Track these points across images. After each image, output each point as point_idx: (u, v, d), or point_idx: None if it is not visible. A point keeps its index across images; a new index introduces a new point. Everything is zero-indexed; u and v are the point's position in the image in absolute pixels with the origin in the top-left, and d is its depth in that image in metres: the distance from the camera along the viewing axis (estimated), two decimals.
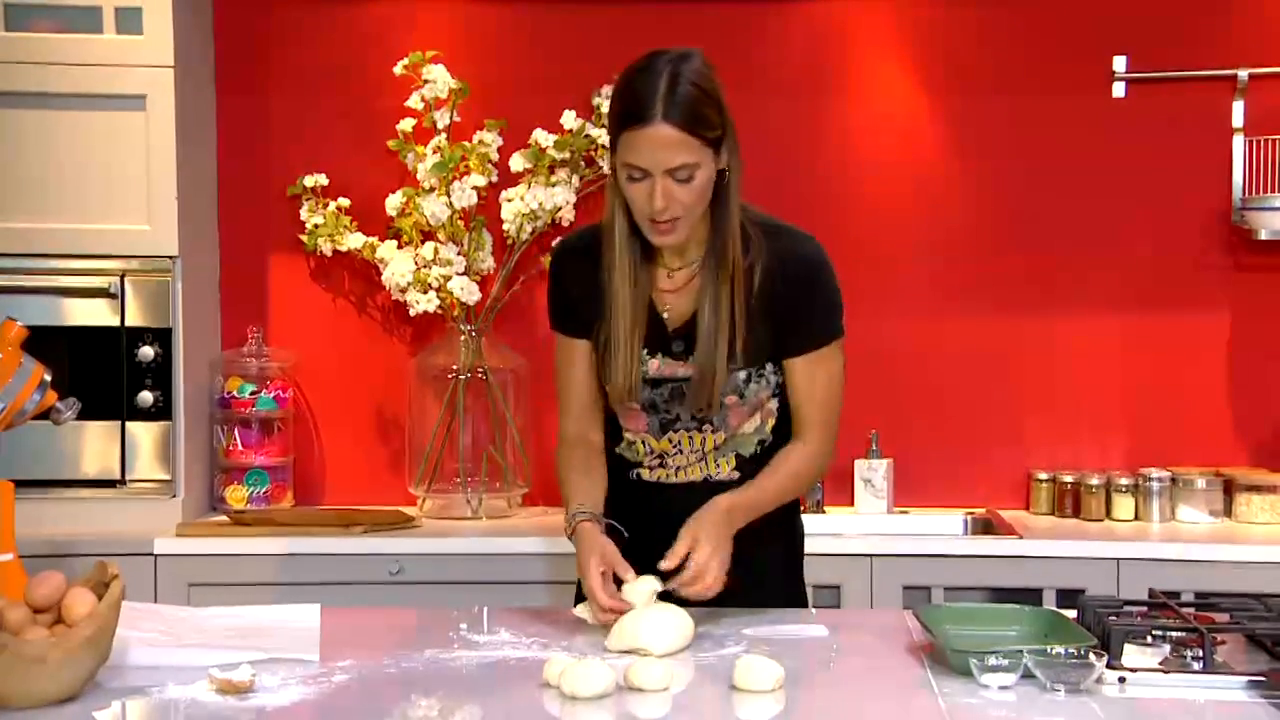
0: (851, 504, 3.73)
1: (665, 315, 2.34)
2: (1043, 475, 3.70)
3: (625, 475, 2.43)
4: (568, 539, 2.31)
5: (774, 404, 2.39)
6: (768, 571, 2.43)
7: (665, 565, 2.17)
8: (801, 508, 2.55)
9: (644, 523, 2.35)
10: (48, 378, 2.26)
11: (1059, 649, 1.90)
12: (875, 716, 1.87)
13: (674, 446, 2.39)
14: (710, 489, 2.34)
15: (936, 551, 3.34)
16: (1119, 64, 3.73)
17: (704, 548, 2.19)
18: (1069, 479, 3.65)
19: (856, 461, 3.72)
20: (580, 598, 2.29)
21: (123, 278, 3.43)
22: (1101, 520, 3.59)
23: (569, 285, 2.40)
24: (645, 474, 2.41)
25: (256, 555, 3.31)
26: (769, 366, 2.35)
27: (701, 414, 2.34)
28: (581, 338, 2.39)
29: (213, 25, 3.74)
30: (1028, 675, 1.88)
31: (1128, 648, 1.96)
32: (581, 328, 2.39)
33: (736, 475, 2.38)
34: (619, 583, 2.18)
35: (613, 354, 2.31)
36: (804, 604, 2.50)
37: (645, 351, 2.34)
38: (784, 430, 2.41)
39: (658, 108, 2.15)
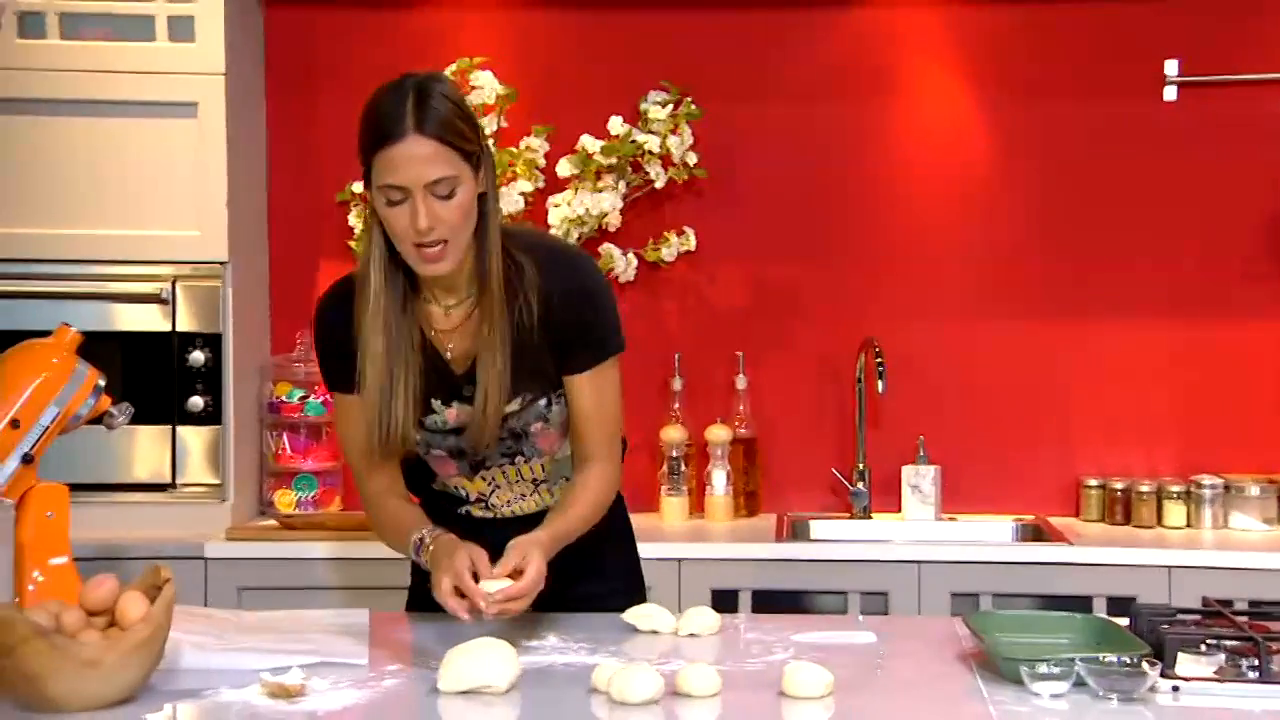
0: (899, 511, 3.72)
1: (449, 357, 2.25)
2: (1093, 482, 3.67)
3: (453, 512, 2.38)
4: (419, 561, 2.22)
5: None
6: (606, 561, 2.44)
7: (498, 572, 2.08)
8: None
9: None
10: (101, 383, 2.28)
11: (1112, 657, 1.89)
12: None
13: (489, 484, 2.36)
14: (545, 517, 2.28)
15: (985, 559, 3.32)
16: (1171, 68, 3.69)
17: (534, 564, 2.09)
18: (1120, 486, 3.62)
19: (904, 468, 3.70)
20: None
21: (174, 283, 3.46)
22: (1153, 528, 3.55)
23: (333, 336, 2.26)
24: (475, 511, 2.39)
25: (305, 559, 3.33)
26: (556, 392, 2.29)
27: (484, 452, 2.28)
28: (356, 392, 2.24)
29: (263, 32, 3.77)
30: (1079, 684, 1.86)
31: (1181, 656, 1.94)
32: (355, 380, 2.23)
33: None
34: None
35: (373, 398, 2.18)
36: (642, 590, 2.51)
37: (439, 401, 2.26)
38: None
39: (409, 121, 2.08)
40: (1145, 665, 1.86)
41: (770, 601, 3.27)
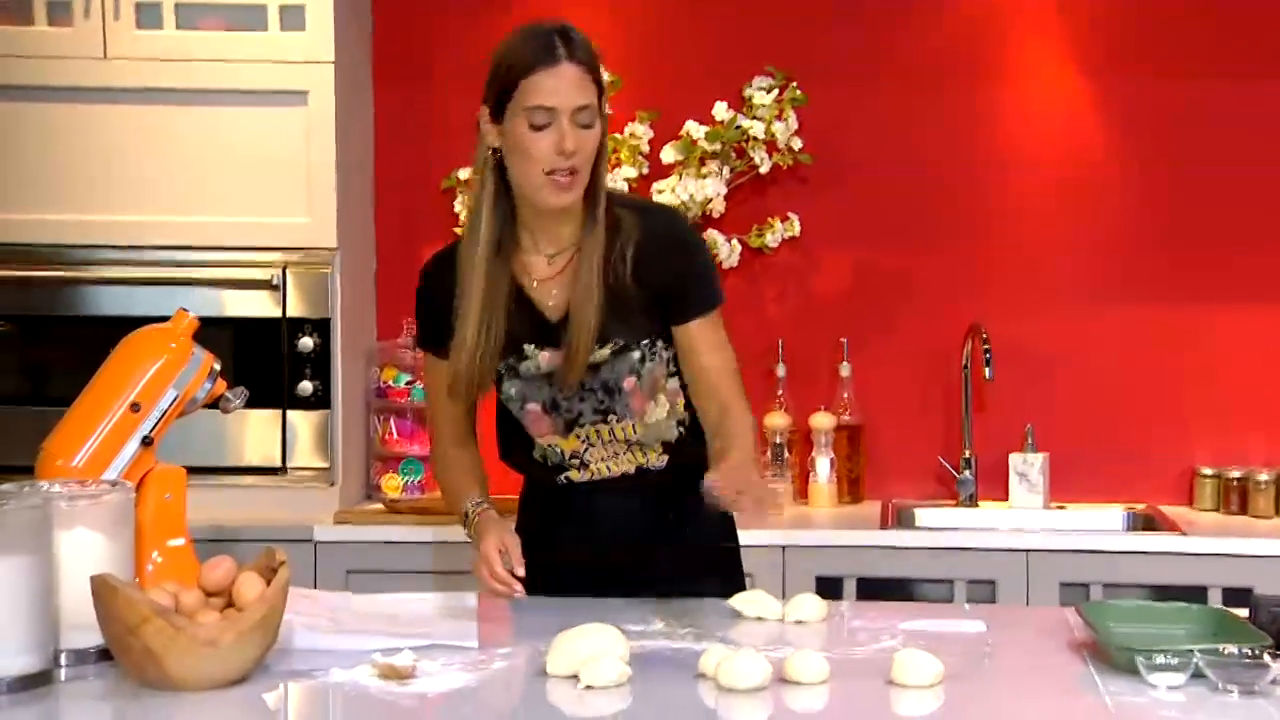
0: (1006, 498, 3.67)
1: (549, 305, 2.33)
2: (1207, 471, 3.60)
3: (553, 480, 2.43)
4: (465, 532, 2.40)
5: (674, 383, 2.38)
6: (702, 557, 2.44)
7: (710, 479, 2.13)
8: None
9: (577, 526, 2.41)
10: (217, 367, 2.31)
11: (1232, 648, 1.84)
12: (1040, 713, 1.84)
13: (583, 443, 2.38)
14: (644, 478, 2.37)
15: (1096, 547, 3.27)
16: None
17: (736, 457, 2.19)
18: (1235, 475, 3.54)
19: (1011, 456, 3.66)
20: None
21: (284, 269, 3.51)
22: (1270, 518, 3.48)
23: (436, 296, 2.37)
24: (574, 475, 2.41)
25: (411, 543, 3.37)
26: (659, 342, 2.34)
27: (572, 391, 2.33)
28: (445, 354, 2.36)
29: (371, 20, 3.81)
30: (1197, 675, 1.82)
31: None
32: (445, 343, 2.35)
33: (667, 460, 2.39)
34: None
35: (465, 336, 2.28)
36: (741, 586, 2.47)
37: (532, 346, 2.32)
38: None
39: (561, 50, 2.22)
40: (1267, 657, 1.81)
41: (875, 589, 3.25)
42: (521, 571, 2.29)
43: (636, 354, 2.33)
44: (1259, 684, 1.80)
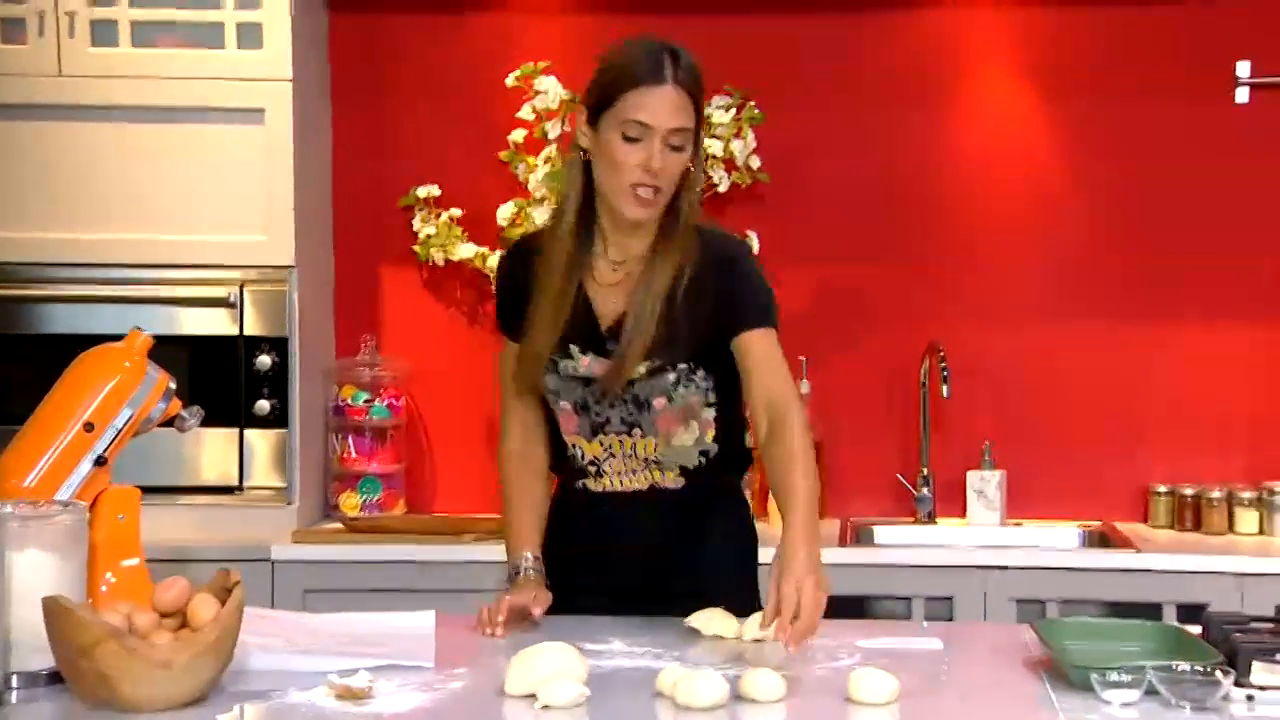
0: (964, 515, 3.69)
1: (601, 310, 2.35)
2: (1161, 488, 3.63)
3: (573, 484, 2.45)
4: (509, 576, 2.39)
5: (710, 414, 2.38)
6: (720, 570, 2.43)
7: (763, 626, 2.08)
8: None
9: (590, 532, 2.42)
10: (172, 385, 2.30)
11: (1185, 665, 1.86)
12: None
13: (605, 450, 2.39)
14: (657, 497, 2.38)
15: (1052, 564, 3.29)
16: (1242, 69, 3.64)
17: (807, 592, 2.07)
18: (1189, 492, 3.57)
19: (969, 473, 3.68)
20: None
21: (241, 288, 3.49)
22: (1224, 534, 3.51)
23: (519, 282, 2.40)
24: (590, 484, 2.43)
25: (370, 562, 3.35)
26: (700, 372, 2.34)
27: (611, 397, 2.34)
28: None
29: (328, 39, 3.80)
30: (1151, 692, 1.84)
31: (1256, 665, 1.91)
32: (521, 329, 2.39)
33: (683, 483, 2.39)
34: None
35: (534, 324, 2.33)
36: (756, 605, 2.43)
37: (577, 348, 2.35)
38: (729, 443, 2.40)
39: (668, 71, 2.24)
40: (1219, 674, 1.83)
41: (833, 607, 3.23)
42: (538, 613, 2.30)
43: (671, 376, 2.33)
44: (1211, 700, 1.82)
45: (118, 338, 2.31)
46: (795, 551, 2.11)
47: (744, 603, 2.36)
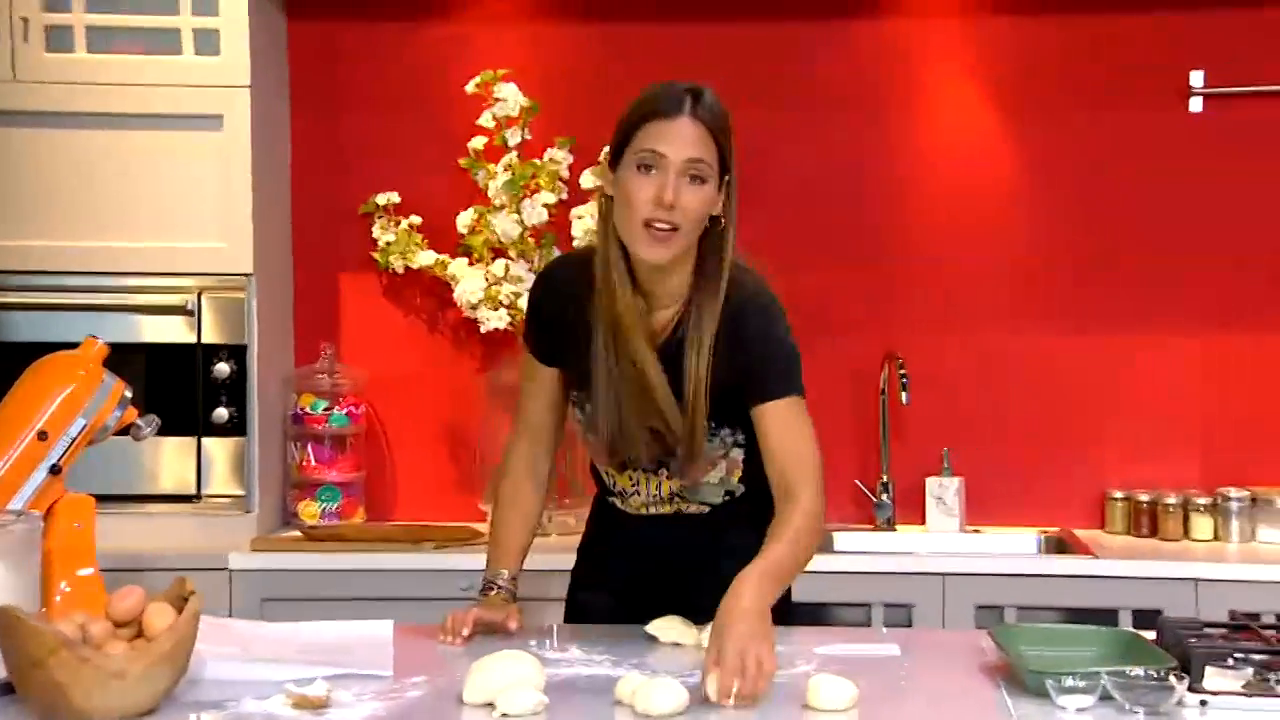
0: (923, 522, 3.70)
1: (645, 372, 2.25)
2: (1118, 494, 3.65)
3: (604, 497, 2.47)
4: (482, 589, 2.36)
5: (739, 454, 2.34)
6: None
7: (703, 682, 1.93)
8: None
9: (619, 545, 2.44)
10: (128, 394, 2.29)
11: (1138, 670, 1.87)
12: None
13: (632, 485, 2.39)
14: (682, 520, 2.38)
15: (1010, 571, 3.31)
16: (1196, 79, 3.68)
17: (730, 647, 1.94)
18: (1145, 498, 3.60)
19: (928, 480, 3.69)
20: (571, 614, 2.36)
21: (199, 295, 3.47)
22: (1179, 540, 3.53)
23: (549, 308, 2.35)
24: (618, 503, 2.43)
25: (329, 571, 3.34)
26: (724, 430, 2.30)
27: (676, 466, 2.31)
28: (549, 365, 2.38)
29: (286, 45, 3.78)
30: (1106, 697, 1.85)
31: (1209, 670, 1.93)
32: (551, 356, 2.36)
33: (707, 509, 2.38)
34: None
35: (600, 415, 2.26)
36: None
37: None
38: (754, 482, 2.34)
39: (686, 105, 2.17)
40: (1172, 679, 1.84)
41: (792, 615, 3.25)
42: (513, 626, 2.27)
43: None
44: (1164, 705, 1.83)
45: (74, 345, 2.30)
46: (740, 596, 2.01)
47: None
